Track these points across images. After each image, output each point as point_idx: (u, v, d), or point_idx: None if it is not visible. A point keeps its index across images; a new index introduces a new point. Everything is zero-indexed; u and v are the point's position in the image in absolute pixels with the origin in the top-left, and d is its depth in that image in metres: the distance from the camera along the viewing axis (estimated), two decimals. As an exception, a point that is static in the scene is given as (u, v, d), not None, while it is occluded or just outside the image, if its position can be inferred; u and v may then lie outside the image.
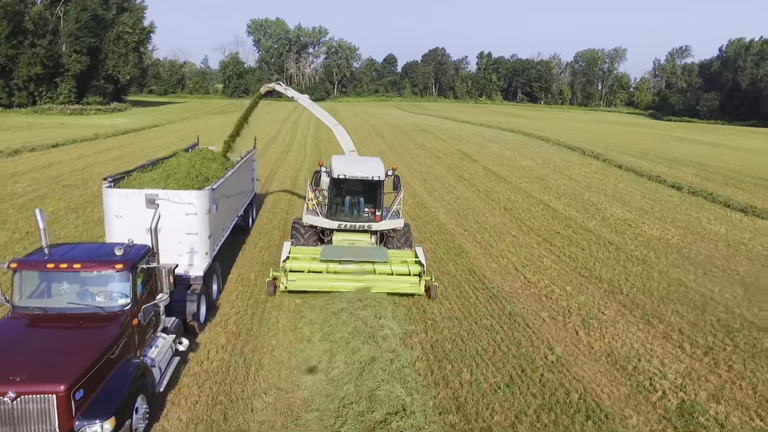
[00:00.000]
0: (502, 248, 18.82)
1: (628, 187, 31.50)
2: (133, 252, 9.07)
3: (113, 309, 8.53)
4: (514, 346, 11.64)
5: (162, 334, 9.85)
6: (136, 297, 8.81)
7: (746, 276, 16.99)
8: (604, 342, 12.02)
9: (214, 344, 11.29)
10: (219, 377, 10.10)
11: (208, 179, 13.60)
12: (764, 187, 33.33)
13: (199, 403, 9.28)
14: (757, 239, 21.58)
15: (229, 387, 9.82)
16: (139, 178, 12.94)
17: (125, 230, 10.87)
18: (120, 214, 11.31)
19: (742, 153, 53.53)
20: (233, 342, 11.43)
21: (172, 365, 9.66)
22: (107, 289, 8.72)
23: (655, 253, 19.00)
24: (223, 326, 12.16)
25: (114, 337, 8.05)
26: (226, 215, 14.51)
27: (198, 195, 11.72)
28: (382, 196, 15.77)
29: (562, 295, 14.67)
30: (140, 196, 11.28)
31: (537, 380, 10.30)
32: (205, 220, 11.91)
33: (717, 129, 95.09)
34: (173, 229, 11.39)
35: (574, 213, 24.55)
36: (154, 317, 9.60)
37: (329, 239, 15.88)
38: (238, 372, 10.31)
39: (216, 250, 13.20)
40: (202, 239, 11.88)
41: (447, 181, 31.30)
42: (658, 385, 10.27)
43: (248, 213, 19.56)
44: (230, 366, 10.48)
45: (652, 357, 11.38)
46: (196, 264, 11.84)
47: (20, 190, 23.38)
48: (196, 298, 11.39)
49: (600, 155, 43.54)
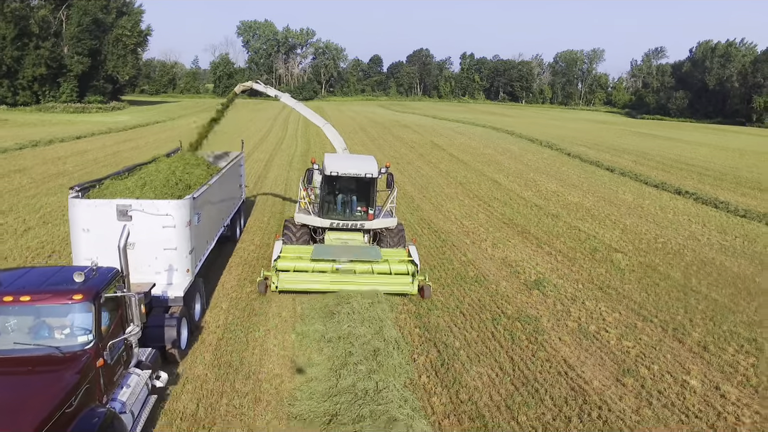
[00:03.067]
0: (449, 207, 24.68)
1: (568, 170, 37.57)
2: (98, 277, 7.58)
3: (72, 348, 6.94)
4: (442, 255, 17.53)
5: (135, 370, 8.28)
6: (101, 332, 7.25)
7: (630, 225, 22.93)
8: (504, 254, 17.93)
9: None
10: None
11: (190, 187, 12.34)
12: (688, 171, 39.44)
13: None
14: (655, 204, 27.60)
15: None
16: (113, 186, 11.64)
17: (95, 247, 9.57)
18: (88, 227, 10.04)
19: (689, 146, 59.86)
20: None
21: (147, 406, 8.14)
22: (65, 324, 7.15)
23: (567, 212, 24.93)
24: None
25: (71, 385, 6.46)
26: (210, 226, 13.22)
27: (177, 205, 10.43)
28: (375, 194, 15.62)
29: (484, 233, 20.56)
30: (111, 207, 10.03)
31: (452, 269, 16.22)
32: (186, 233, 10.62)
33: (681, 126, 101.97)
34: (149, 243, 10.23)
35: (515, 186, 30.50)
36: (124, 352, 7.99)
37: (321, 238, 15.60)
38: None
39: (199, 266, 11.94)
40: (182, 255, 10.60)
41: (416, 164, 37.19)
42: (527, 272, 16.22)
43: (236, 222, 18.00)
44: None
45: (532, 261, 17.30)
46: (175, 283, 10.54)
47: (70, 168, 28.94)
48: (175, 322, 9.96)
49: (555, 145, 49.76)
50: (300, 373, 10.05)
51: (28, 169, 28.81)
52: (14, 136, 41.59)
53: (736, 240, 21.41)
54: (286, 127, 63.79)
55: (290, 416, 8.74)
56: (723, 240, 21.31)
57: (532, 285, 15.15)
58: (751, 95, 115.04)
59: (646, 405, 9.41)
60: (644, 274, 16.62)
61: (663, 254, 18.88)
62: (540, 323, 12.59)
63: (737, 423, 9.04)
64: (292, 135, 54.31)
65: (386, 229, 15.79)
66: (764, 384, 10.33)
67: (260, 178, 30.75)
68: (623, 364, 10.86)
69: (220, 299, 13.48)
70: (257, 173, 31.97)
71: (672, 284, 15.79)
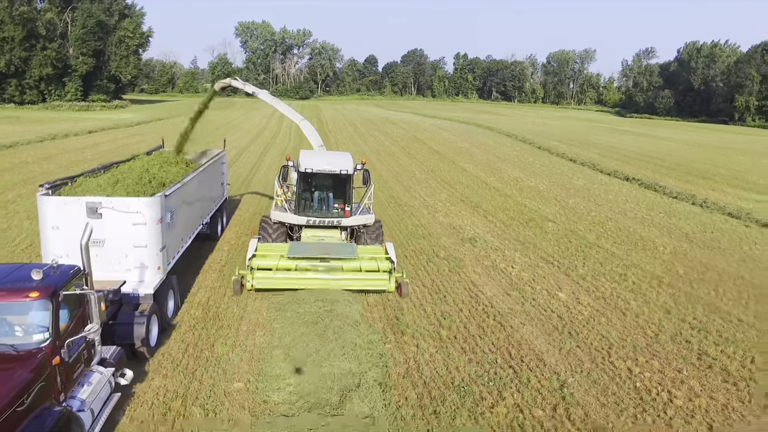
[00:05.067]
0: (417, 189, 28.60)
1: (534, 160, 41.51)
2: (57, 275, 7.60)
3: (28, 346, 7.04)
4: (401, 221, 21.51)
5: (98, 368, 8.32)
6: (59, 330, 7.32)
7: (571, 204, 26.80)
8: (452, 221, 21.87)
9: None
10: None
11: (164, 185, 12.31)
12: (645, 162, 43.30)
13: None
14: (602, 188, 31.49)
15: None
16: (85, 183, 11.72)
17: (64, 244, 9.72)
18: (57, 225, 10.10)
19: (660, 141, 63.76)
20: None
21: (109, 404, 8.19)
22: (23, 321, 7.29)
23: (520, 193, 28.84)
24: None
25: (23, 383, 6.54)
26: (185, 225, 13.30)
27: (147, 203, 10.56)
28: (352, 190, 15.55)
29: (441, 207, 24.50)
30: (81, 205, 10.07)
31: (405, 229, 20.21)
32: (157, 230, 10.74)
33: (664, 124, 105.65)
34: (120, 240, 10.36)
35: (481, 174, 34.41)
36: (85, 350, 8.03)
37: (298, 236, 15.48)
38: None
39: (172, 263, 12.05)
40: (152, 252, 10.71)
41: (396, 155, 41.16)
42: (466, 232, 20.16)
43: (216, 220, 18.21)
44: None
45: (473, 226, 21.24)
46: (146, 281, 10.65)
47: (89, 157, 32.81)
48: (145, 320, 9.96)
49: (528, 140, 53.76)
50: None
51: (54, 157, 32.92)
52: (31, 131, 45.48)
53: (659, 215, 25.28)
54: (281, 124, 67.63)
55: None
56: (647, 215, 25.19)
57: (467, 240, 19.08)
58: (733, 95, 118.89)
59: (520, 306, 13.36)
60: (564, 236, 20.53)
61: (588, 223, 22.78)
62: (463, 262, 16.54)
63: (580, 314, 12.98)
64: (285, 131, 58.16)
65: (364, 226, 15.74)
66: (611, 295, 14.25)
67: (255, 166, 34.59)
68: (515, 285, 14.83)
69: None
70: (252, 163, 35.84)
71: (583, 243, 19.70)
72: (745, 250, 19.60)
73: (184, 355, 10.50)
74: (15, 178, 26.60)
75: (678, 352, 11.31)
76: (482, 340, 11.41)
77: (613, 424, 8.78)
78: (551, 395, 9.48)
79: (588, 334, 11.96)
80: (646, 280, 15.78)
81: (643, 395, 9.61)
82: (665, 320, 12.94)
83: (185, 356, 10.48)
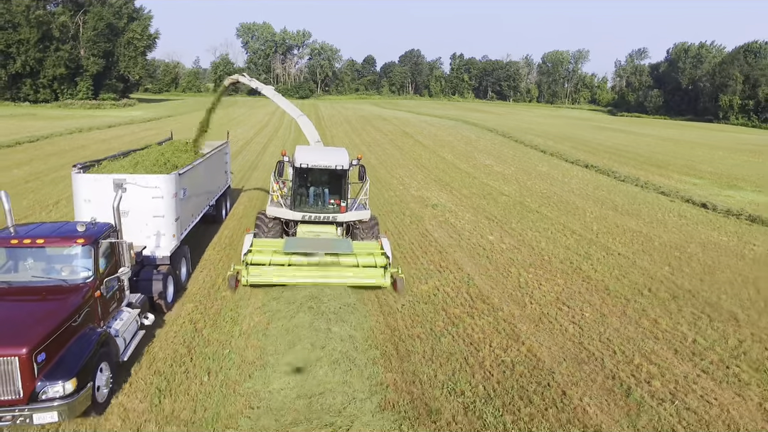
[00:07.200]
0: (399, 172, 33.45)
1: (508, 151, 46.34)
2: (96, 228, 9.56)
3: (76, 281, 8.92)
4: (380, 194, 26.32)
5: (127, 309, 10.31)
6: (99, 271, 9.19)
7: (528, 184, 31.55)
8: (421, 194, 26.72)
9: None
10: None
11: (177, 167, 13.67)
12: (611, 154, 47.94)
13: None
14: (562, 173, 36.26)
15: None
16: (110, 165, 13.40)
17: (94, 214, 11.05)
18: (89, 198, 11.74)
19: (636, 136, 68.31)
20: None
21: (137, 338, 10.09)
22: (70, 263, 9.12)
23: (487, 176, 33.62)
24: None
25: (76, 306, 8.44)
26: (195, 203, 14.98)
27: (164, 179, 12.13)
28: (347, 186, 15.64)
29: (416, 185, 29.36)
30: (108, 181, 11.42)
31: (382, 198, 25.04)
32: (172, 203, 12.32)
33: (651, 122, 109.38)
34: (141, 212, 11.96)
35: (457, 161, 39.23)
36: (118, 291, 10.00)
37: (294, 231, 15.58)
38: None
39: (184, 233, 13.70)
40: (168, 221, 12.32)
41: (385, 147, 45.99)
42: (431, 200, 25.04)
43: (221, 204, 19.97)
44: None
45: (439, 197, 26.09)
46: (163, 245, 12.32)
47: (116, 146, 37.44)
48: (162, 277, 11.76)
49: (507, 134, 58.61)
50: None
51: (87, 146, 38.00)
52: (53, 126, 50.32)
53: (600, 192, 30.01)
54: (283, 119, 72.53)
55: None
56: (590, 192, 29.95)
57: (430, 206, 23.98)
58: (718, 94, 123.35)
59: (457, 243, 18.28)
60: (512, 205, 25.33)
61: (536, 197, 27.57)
62: (422, 219, 21.45)
63: (499, 248, 17.86)
64: (286, 126, 63.02)
65: (359, 221, 15.75)
66: (530, 239, 19.07)
67: (259, 155, 39.39)
68: (458, 231, 19.75)
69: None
70: (256, 152, 40.64)
71: (524, 209, 24.50)
72: (657, 217, 24.35)
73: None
74: (61, 161, 31.47)
75: (561, 269, 16.18)
76: (423, 258, 16.37)
77: (498, 298, 13.63)
78: (460, 282, 14.45)
79: (500, 257, 16.87)
80: (564, 232, 20.61)
81: (521, 285, 14.55)
82: (563, 253, 17.79)
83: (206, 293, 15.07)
